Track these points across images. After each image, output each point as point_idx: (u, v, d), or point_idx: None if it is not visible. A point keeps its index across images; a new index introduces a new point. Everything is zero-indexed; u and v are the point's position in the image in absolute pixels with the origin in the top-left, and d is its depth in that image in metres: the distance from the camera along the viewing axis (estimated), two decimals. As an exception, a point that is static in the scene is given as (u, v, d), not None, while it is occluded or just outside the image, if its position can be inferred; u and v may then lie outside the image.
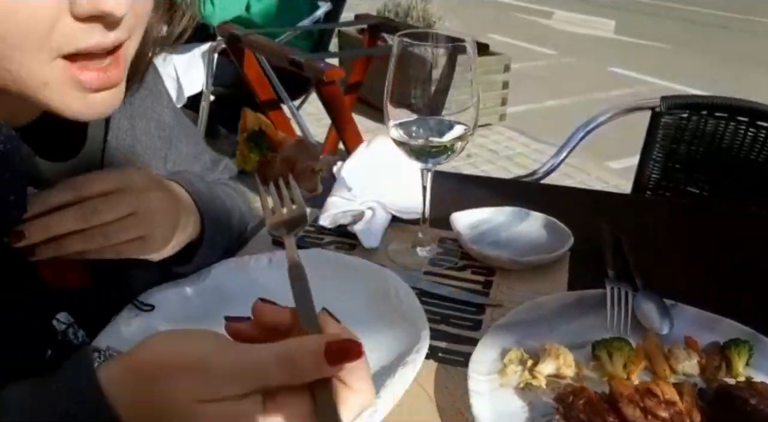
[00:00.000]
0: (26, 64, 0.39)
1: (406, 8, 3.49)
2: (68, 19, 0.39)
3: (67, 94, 0.42)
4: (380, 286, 0.65)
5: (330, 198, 0.81)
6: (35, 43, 0.39)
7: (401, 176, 0.87)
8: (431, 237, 0.75)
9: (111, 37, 0.41)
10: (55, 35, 0.39)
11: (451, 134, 0.66)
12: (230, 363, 0.33)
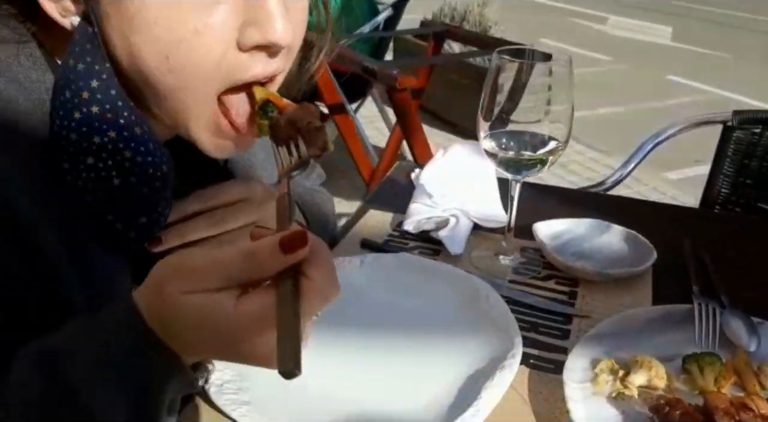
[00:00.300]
0: (192, 96, 0.44)
1: (463, 13, 3.50)
2: (234, 51, 0.43)
3: (210, 133, 0.48)
4: (470, 292, 0.67)
5: (412, 204, 0.84)
6: (207, 73, 0.43)
7: (480, 185, 0.89)
8: (513, 247, 0.77)
9: (273, 66, 0.45)
10: (223, 66, 0.43)
11: (543, 148, 0.68)
12: (204, 260, 0.37)
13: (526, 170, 0.69)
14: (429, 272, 0.70)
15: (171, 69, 0.43)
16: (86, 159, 0.45)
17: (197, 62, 0.42)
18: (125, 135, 0.46)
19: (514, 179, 0.71)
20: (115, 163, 0.46)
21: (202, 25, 0.41)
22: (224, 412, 0.51)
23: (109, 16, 0.42)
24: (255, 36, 0.42)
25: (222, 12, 0.42)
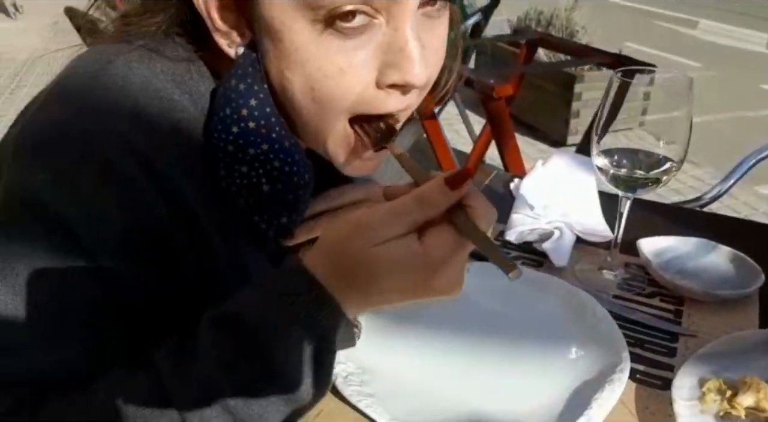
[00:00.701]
0: (329, 120, 0.49)
1: (549, 17, 3.46)
2: (373, 88, 0.48)
3: (351, 157, 0.52)
4: (576, 305, 0.69)
5: (514, 215, 0.87)
6: (347, 105, 0.48)
7: (582, 197, 0.91)
8: (618, 262, 0.78)
9: (406, 102, 0.49)
10: (362, 100, 0.48)
11: (658, 167, 0.69)
12: (381, 214, 0.42)
13: (639, 189, 0.70)
14: (535, 283, 0.73)
15: (315, 99, 0.48)
16: (241, 168, 0.51)
17: (339, 96, 0.47)
18: (276, 147, 0.51)
19: (624, 196, 0.72)
20: (266, 171, 0.52)
21: (346, 65, 0.46)
22: (351, 402, 0.56)
23: (269, 52, 0.48)
24: (394, 76, 0.47)
25: (364, 54, 0.46)
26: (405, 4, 0.45)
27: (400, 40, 0.46)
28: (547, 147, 3.47)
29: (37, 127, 0.47)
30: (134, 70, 0.49)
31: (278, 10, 0.45)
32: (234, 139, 0.50)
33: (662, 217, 0.94)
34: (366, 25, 0.45)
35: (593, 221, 0.86)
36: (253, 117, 0.50)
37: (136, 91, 0.48)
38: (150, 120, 0.48)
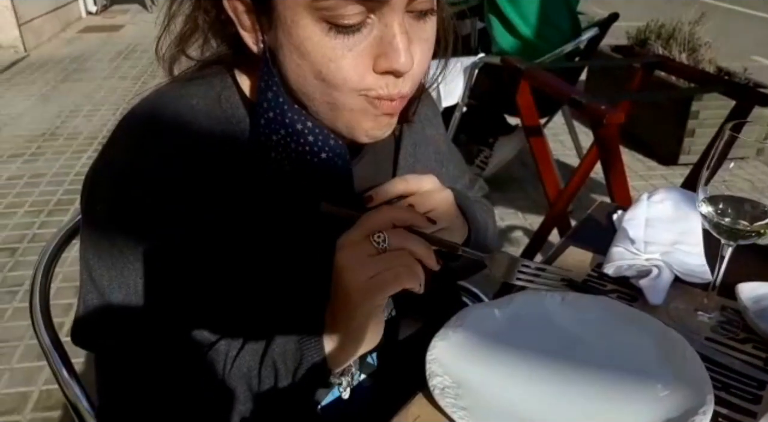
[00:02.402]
0: (341, 99, 0.59)
1: (671, 31, 3.32)
2: (371, 73, 0.57)
3: (364, 116, 0.61)
4: (667, 344, 0.72)
5: (614, 248, 0.89)
6: (349, 87, 0.57)
7: (685, 236, 0.92)
8: (714, 305, 0.80)
9: (399, 88, 0.59)
10: (364, 82, 0.57)
11: (762, 219, 0.70)
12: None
13: (742, 239, 0.72)
14: (628, 319, 0.76)
15: (324, 80, 0.57)
16: (270, 153, 0.63)
17: (343, 77, 0.57)
18: (290, 131, 0.62)
19: (726, 244, 0.74)
20: (287, 154, 0.63)
21: (346, 53, 0.56)
22: (446, 413, 0.63)
23: (283, 46, 0.58)
24: (385, 64, 0.56)
25: (361, 45, 0.56)
26: (394, 7, 0.54)
27: (389, 34, 0.55)
28: (657, 164, 3.34)
29: (97, 164, 0.63)
30: (175, 106, 0.63)
31: (290, 10, 0.54)
32: (262, 129, 0.62)
33: (765, 263, 0.93)
34: (362, 23, 0.55)
35: (694, 261, 0.87)
36: (270, 107, 0.61)
37: (176, 125, 0.62)
38: (191, 141, 0.62)
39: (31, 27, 5.65)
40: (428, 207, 0.65)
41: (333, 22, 0.54)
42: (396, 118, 0.63)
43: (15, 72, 4.97)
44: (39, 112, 4.03)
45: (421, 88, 0.71)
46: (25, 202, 2.88)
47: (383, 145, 0.75)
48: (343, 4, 0.53)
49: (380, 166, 0.76)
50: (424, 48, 0.60)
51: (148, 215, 0.60)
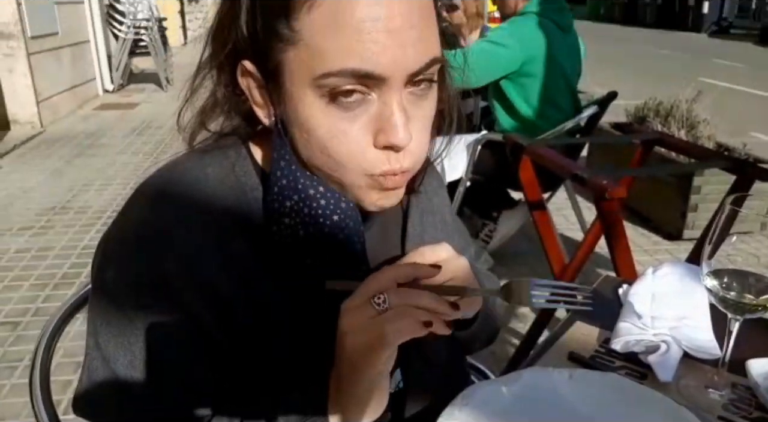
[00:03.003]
0: (347, 176, 0.61)
1: (669, 108, 3.42)
2: (372, 148, 0.59)
3: (370, 192, 0.62)
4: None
5: (621, 323, 0.89)
6: (353, 164, 0.59)
7: (692, 311, 0.91)
8: (725, 382, 0.78)
9: (400, 163, 0.60)
10: (365, 160, 0.59)
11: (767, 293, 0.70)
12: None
13: (749, 313, 0.71)
14: (638, 396, 0.74)
15: (329, 155, 0.60)
16: (283, 219, 0.63)
17: (346, 153, 0.59)
18: (302, 196, 0.63)
19: (733, 318, 0.74)
20: (301, 219, 0.64)
21: (348, 128, 0.58)
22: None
23: (291, 121, 0.61)
24: (383, 139, 0.58)
25: (361, 122, 0.58)
26: (392, 86, 0.57)
27: (388, 111, 0.57)
28: (661, 239, 3.35)
29: (110, 230, 0.65)
30: (190, 174, 0.65)
31: (295, 87, 0.57)
32: (275, 196, 0.63)
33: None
34: (362, 99, 0.57)
35: (702, 337, 0.86)
36: (284, 175, 0.63)
37: (190, 192, 0.64)
38: (204, 208, 0.63)
39: (49, 104, 5.86)
40: (447, 276, 0.65)
41: (335, 99, 0.57)
42: (402, 190, 0.65)
43: (30, 147, 5.11)
44: (51, 187, 4.11)
45: (427, 161, 0.73)
46: (31, 275, 2.89)
47: (391, 215, 0.77)
48: (344, 82, 0.56)
49: (389, 236, 0.78)
50: (423, 124, 0.62)
51: (159, 282, 0.61)
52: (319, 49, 0.55)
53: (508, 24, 2.64)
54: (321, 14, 0.55)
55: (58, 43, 6.19)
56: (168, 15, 9.58)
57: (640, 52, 13.09)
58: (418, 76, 0.58)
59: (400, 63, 0.56)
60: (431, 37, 0.59)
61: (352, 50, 0.54)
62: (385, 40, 0.54)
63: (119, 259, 0.63)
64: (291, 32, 0.56)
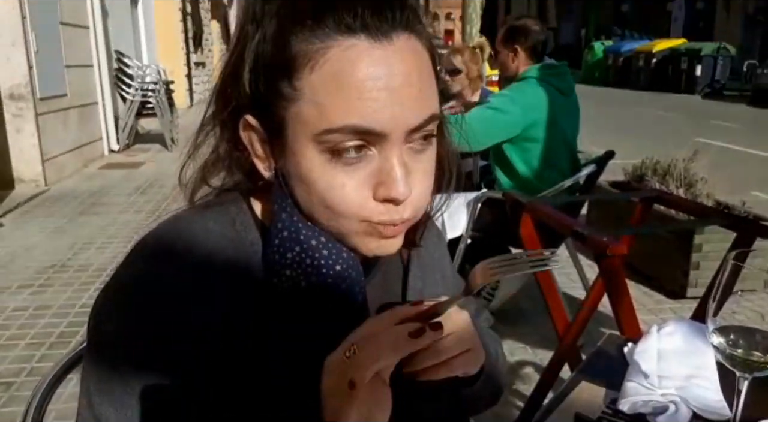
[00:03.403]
0: (346, 225, 0.61)
1: (666, 167, 3.46)
2: (372, 200, 0.59)
3: (368, 239, 0.62)
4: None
5: (627, 383, 0.87)
6: (351, 214, 0.60)
7: (699, 370, 0.89)
8: (738, 444, 0.75)
9: (400, 214, 0.60)
10: (364, 210, 0.60)
11: (777, 352, 0.68)
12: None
13: (757, 371, 0.70)
14: (647, 459, 0.72)
15: (327, 207, 0.60)
16: (284, 271, 0.63)
17: (345, 205, 0.59)
18: (305, 247, 0.63)
19: (741, 376, 0.72)
20: (302, 270, 0.63)
21: (347, 181, 0.59)
22: None
23: (292, 174, 0.61)
24: (383, 193, 0.59)
25: (361, 176, 0.59)
26: (392, 141, 0.58)
27: (388, 165, 0.58)
28: (665, 298, 3.32)
29: (108, 284, 0.65)
30: (190, 228, 0.65)
31: (297, 142, 0.59)
32: (276, 248, 0.63)
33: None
34: (362, 155, 0.58)
35: (711, 396, 0.84)
36: (285, 227, 0.63)
37: (191, 244, 0.64)
38: (204, 261, 0.63)
39: (55, 163, 5.95)
40: (449, 330, 0.63)
41: (335, 154, 0.58)
42: (400, 239, 0.65)
43: (34, 205, 5.14)
44: (52, 244, 4.11)
45: (426, 216, 0.74)
46: (27, 334, 2.85)
47: (392, 269, 0.76)
48: (345, 139, 0.57)
49: (390, 289, 0.77)
50: (423, 178, 0.63)
51: (154, 337, 0.60)
52: (321, 107, 0.56)
53: (510, 90, 2.70)
54: (323, 74, 0.56)
55: (67, 105, 6.35)
56: (175, 78, 9.87)
57: (636, 113, 13.37)
58: (418, 131, 0.60)
59: (399, 120, 0.57)
60: (430, 95, 0.60)
61: (353, 108, 0.56)
62: (385, 98, 0.56)
63: (116, 312, 0.62)
64: (293, 90, 0.58)
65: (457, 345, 0.62)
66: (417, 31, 0.60)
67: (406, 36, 0.58)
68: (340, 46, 0.56)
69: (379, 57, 0.56)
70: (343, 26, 0.56)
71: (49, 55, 5.90)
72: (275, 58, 0.58)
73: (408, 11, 0.59)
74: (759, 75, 16.20)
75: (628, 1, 33.91)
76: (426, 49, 0.61)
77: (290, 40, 0.57)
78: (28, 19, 5.48)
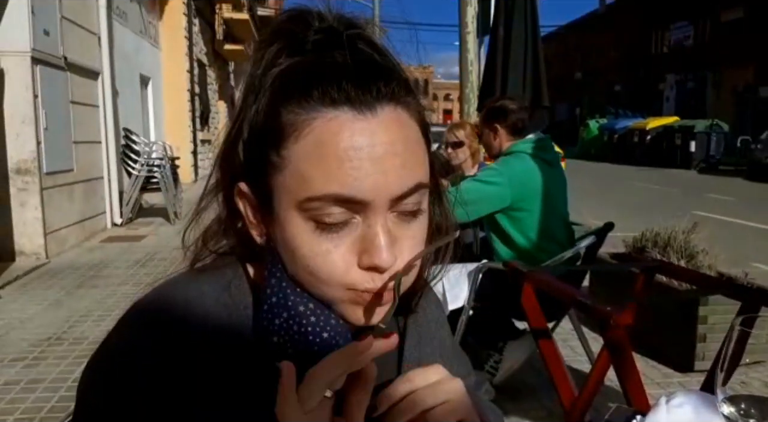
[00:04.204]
0: (330, 292, 0.60)
1: (666, 239, 3.46)
2: (356, 268, 0.59)
3: (354, 307, 0.61)
4: None
5: (637, 455, 0.83)
6: (335, 281, 0.59)
7: (711, 443, 0.86)
8: None
9: (382, 282, 0.60)
10: (347, 278, 0.59)
11: (789, 420, 0.66)
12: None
13: (770, 442, 0.67)
14: None
15: (311, 274, 0.60)
16: (272, 338, 0.62)
17: (328, 272, 0.59)
18: (292, 313, 0.62)
19: (755, 448, 0.69)
20: (290, 337, 0.61)
21: (331, 248, 0.58)
22: None
23: (279, 240, 0.62)
24: (367, 260, 0.58)
25: (345, 243, 0.59)
26: (376, 209, 0.58)
27: (372, 233, 0.58)
28: (672, 371, 3.23)
29: (95, 353, 0.64)
30: (184, 292, 0.65)
31: (283, 209, 0.59)
32: (265, 314, 0.62)
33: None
34: (346, 222, 0.58)
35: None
36: (274, 293, 0.62)
37: (183, 310, 0.63)
38: (196, 327, 0.63)
39: (57, 236, 5.97)
40: (440, 399, 0.62)
41: (319, 220, 0.58)
42: (389, 306, 0.63)
43: (33, 277, 5.12)
44: (49, 317, 4.06)
45: (422, 283, 0.73)
46: (17, 408, 2.76)
47: None
48: (328, 206, 0.57)
49: (385, 361, 0.76)
50: (410, 245, 0.62)
51: (135, 411, 0.58)
52: (304, 175, 0.58)
53: (497, 163, 2.80)
54: (306, 143, 0.58)
55: (72, 179, 6.45)
56: (181, 154, 10.10)
57: (633, 187, 13.55)
58: (403, 199, 0.60)
59: (381, 188, 0.58)
60: (416, 164, 0.61)
61: (333, 176, 0.57)
62: (367, 167, 0.57)
63: (101, 383, 0.61)
64: (280, 159, 0.59)
65: (449, 415, 0.61)
66: (404, 102, 0.61)
67: (391, 108, 0.59)
68: (324, 117, 0.58)
69: (361, 128, 0.57)
70: (327, 99, 0.58)
71: (58, 132, 6.06)
72: (266, 127, 0.60)
73: (394, 84, 0.60)
74: (753, 150, 16.54)
75: (621, 82, 35.14)
76: (415, 120, 0.62)
77: (280, 111, 0.59)
78: (39, 98, 5.67)
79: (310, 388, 0.55)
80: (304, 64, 0.59)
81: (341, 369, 0.55)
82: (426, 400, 0.62)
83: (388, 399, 0.63)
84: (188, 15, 12.15)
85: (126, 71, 8.64)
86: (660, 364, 3.32)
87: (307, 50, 0.60)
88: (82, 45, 6.84)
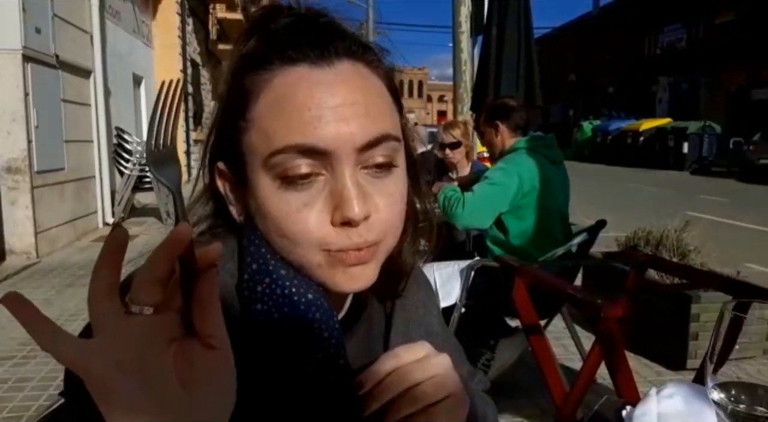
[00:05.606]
0: (305, 255, 0.59)
1: (658, 237, 3.47)
2: (329, 226, 0.58)
3: (333, 272, 0.60)
4: None
5: (627, 445, 0.82)
6: (310, 242, 0.58)
7: (702, 433, 0.85)
8: None
9: (363, 237, 0.58)
10: (320, 236, 0.58)
11: (780, 406, 0.65)
12: None
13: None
14: None
15: (283, 236, 0.59)
16: (255, 306, 0.60)
17: (300, 231, 0.58)
18: (274, 277, 0.61)
19: (746, 435, 0.68)
20: (274, 302, 0.61)
21: (301, 207, 0.58)
22: None
23: (253, 209, 0.61)
24: (338, 215, 0.57)
25: (315, 200, 0.58)
26: (341, 160, 0.57)
27: (340, 185, 0.57)
28: (665, 369, 3.24)
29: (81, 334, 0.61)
30: None
31: (252, 173, 0.59)
32: (246, 283, 0.61)
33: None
34: (314, 180, 0.58)
35: (716, 461, 0.80)
36: (254, 260, 0.62)
37: None
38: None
39: (48, 235, 5.93)
40: (428, 374, 0.60)
41: (286, 180, 0.58)
42: (371, 271, 0.62)
43: (23, 277, 5.08)
44: (38, 316, 4.02)
45: (410, 264, 0.72)
46: (5, 407, 2.74)
47: (374, 324, 0.74)
48: (292, 159, 0.57)
49: (372, 345, 0.74)
50: (387, 202, 0.61)
51: None
52: (267, 132, 0.58)
53: (504, 162, 2.77)
54: (268, 100, 0.59)
55: (64, 178, 6.41)
56: (173, 153, 10.01)
57: (626, 188, 13.59)
58: (369, 150, 0.59)
59: (344, 136, 0.57)
60: (381, 114, 0.60)
61: (294, 127, 0.57)
62: (327, 116, 0.57)
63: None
64: (245, 123, 0.60)
65: (437, 390, 0.59)
66: (363, 59, 0.62)
67: (350, 62, 0.60)
68: (282, 74, 0.59)
69: (319, 78, 0.58)
70: (286, 59, 0.59)
71: (49, 131, 6.02)
72: (232, 99, 0.62)
73: (348, 41, 0.61)
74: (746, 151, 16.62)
75: (614, 84, 35.29)
76: (378, 76, 0.63)
77: (244, 82, 0.61)
78: (30, 96, 5.63)
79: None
80: (265, 40, 0.61)
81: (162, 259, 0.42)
82: (414, 374, 0.60)
83: (373, 375, 0.61)
84: (182, 14, 12.11)
85: (119, 70, 8.59)
86: (652, 362, 3.32)
87: (278, 34, 0.61)
88: (75, 43, 6.80)
